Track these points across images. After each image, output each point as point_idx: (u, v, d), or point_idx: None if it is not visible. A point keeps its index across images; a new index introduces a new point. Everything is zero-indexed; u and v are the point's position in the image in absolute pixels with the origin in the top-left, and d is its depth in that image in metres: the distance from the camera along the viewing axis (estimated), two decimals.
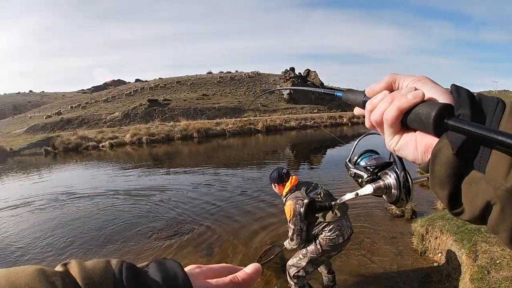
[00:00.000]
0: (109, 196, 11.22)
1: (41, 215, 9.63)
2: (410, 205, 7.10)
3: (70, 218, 9.04)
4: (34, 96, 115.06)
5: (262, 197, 9.48)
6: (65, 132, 35.29)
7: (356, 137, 22.30)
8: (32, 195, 12.38)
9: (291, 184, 3.89)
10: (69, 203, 10.67)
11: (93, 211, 9.49)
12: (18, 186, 14.57)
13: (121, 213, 9.08)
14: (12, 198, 11.92)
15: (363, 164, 0.94)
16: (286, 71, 62.66)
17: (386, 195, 0.81)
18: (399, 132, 0.57)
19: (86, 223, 8.45)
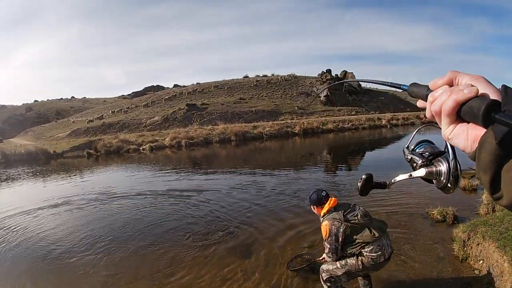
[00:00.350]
0: (148, 196, 11.69)
1: (80, 214, 10.19)
2: (452, 210, 6.95)
3: (108, 217, 9.52)
4: (76, 101, 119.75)
5: (297, 201, 9.54)
6: (106, 135, 36.63)
7: (396, 139, 21.91)
8: (73, 194, 13.09)
9: (330, 205, 3.97)
10: (108, 203, 11.23)
11: (132, 211, 9.93)
12: (60, 186, 15.42)
13: (159, 213, 9.43)
14: (54, 198, 12.65)
15: (419, 151, 1.05)
16: (322, 73, 62.06)
17: (436, 180, 0.92)
18: (454, 122, 0.65)
19: (124, 222, 8.84)
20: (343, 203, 4.11)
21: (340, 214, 3.84)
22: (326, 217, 3.89)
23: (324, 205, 4.02)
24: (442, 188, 0.90)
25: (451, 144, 0.70)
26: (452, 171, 0.87)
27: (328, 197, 4.08)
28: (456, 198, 8.60)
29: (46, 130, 59.97)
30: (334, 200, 4.05)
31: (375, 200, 8.94)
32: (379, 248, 3.74)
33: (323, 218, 3.93)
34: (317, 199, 4.07)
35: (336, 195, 5.11)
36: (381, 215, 7.58)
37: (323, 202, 4.03)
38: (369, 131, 34.46)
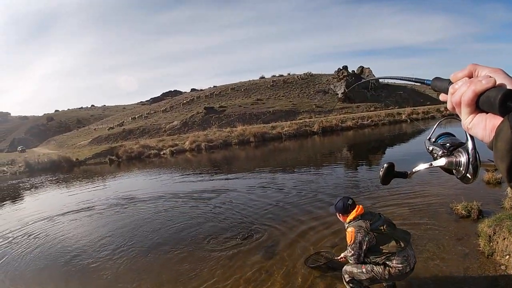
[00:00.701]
0: (170, 199, 11.91)
1: (102, 218, 10.48)
2: (477, 204, 6.83)
3: (130, 221, 9.72)
4: (96, 110, 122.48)
5: (317, 202, 9.51)
6: (127, 142, 37.28)
7: (416, 133, 21.64)
8: (96, 200, 13.51)
9: (357, 212, 3.96)
10: (130, 207, 11.52)
11: (154, 214, 10.11)
12: (84, 192, 15.85)
13: (181, 216, 9.56)
14: (78, 203, 13.10)
15: (440, 143, 1.08)
16: (339, 70, 61.57)
17: (455, 171, 0.94)
18: (473, 112, 0.68)
19: (146, 226, 9.01)
20: (369, 212, 4.11)
21: (367, 223, 3.83)
22: (352, 224, 3.89)
23: (349, 213, 4.02)
24: (461, 179, 0.92)
25: (471, 134, 0.72)
26: (471, 162, 0.89)
27: (354, 205, 4.07)
28: (481, 192, 8.43)
29: (67, 139, 61.50)
30: (361, 207, 4.04)
31: (397, 197, 8.86)
32: (405, 259, 3.72)
33: (349, 224, 3.94)
34: (343, 207, 4.06)
35: (355, 193, 5.07)
36: (404, 212, 7.53)
37: (348, 211, 4.03)
38: (389, 126, 34.03)
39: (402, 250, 3.73)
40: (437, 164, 1.01)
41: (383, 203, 8.43)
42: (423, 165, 1.08)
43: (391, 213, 7.30)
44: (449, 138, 1.09)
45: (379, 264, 3.80)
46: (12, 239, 9.21)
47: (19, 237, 9.36)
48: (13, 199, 16.55)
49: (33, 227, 10.20)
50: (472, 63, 0.72)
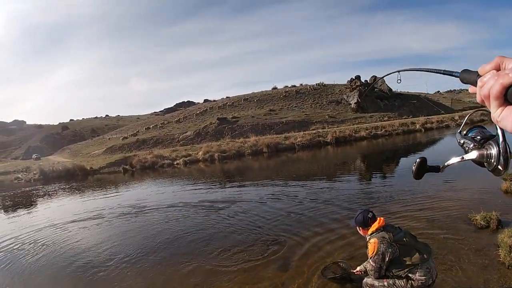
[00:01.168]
0: (182, 209, 12.03)
1: (112, 227, 10.65)
2: (495, 214, 6.74)
3: (141, 230, 9.83)
4: (110, 119, 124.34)
5: (332, 213, 9.47)
6: (141, 151, 37.68)
7: (431, 143, 21.38)
8: (109, 208, 13.77)
9: (379, 224, 3.94)
10: (142, 216, 11.72)
11: (165, 224, 10.19)
12: (97, 200, 16.21)
13: (192, 226, 9.60)
14: (91, 211, 13.36)
15: (471, 136, 1.11)
16: (351, 80, 61.43)
17: (486, 163, 0.96)
18: (502, 105, 0.68)
19: (157, 236, 9.04)
20: (390, 224, 4.09)
21: (389, 234, 3.81)
22: (375, 235, 3.85)
23: (370, 226, 3.99)
24: (492, 171, 0.94)
25: (500, 126, 0.73)
26: (502, 154, 0.91)
27: (375, 217, 4.05)
28: (499, 201, 8.32)
29: (82, 148, 62.45)
30: (383, 219, 4.02)
31: (413, 208, 8.79)
32: (428, 270, 3.70)
33: (371, 236, 3.90)
34: (363, 220, 4.04)
35: (369, 204, 5.04)
36: (422, 223, 7.46)
37: (369, 224, 4.01)
38: (403, 136, 33.73)
39: (425, 261, 3.70)
40: (468, 157, 1.04)
41: (399, 215, 8.37)
42: (455, 158, 1.11)
43: (408, 225, 7.25)
44: (480, 131, 1.13)
45: (402, 277, 3.76)
46: (21, 245, 9.43)
47: (27, 243, 9.56)
48: (26, 206, 17.04)
49: (42, 234, 10.44)
50: (499, 55, 0.73)
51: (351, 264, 5.40)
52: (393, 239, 3.75)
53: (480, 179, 11.02)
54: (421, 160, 1.27)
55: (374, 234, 3.88)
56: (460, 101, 76.80)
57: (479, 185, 10.29)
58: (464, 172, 12.38)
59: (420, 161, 1.27)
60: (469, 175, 11.97)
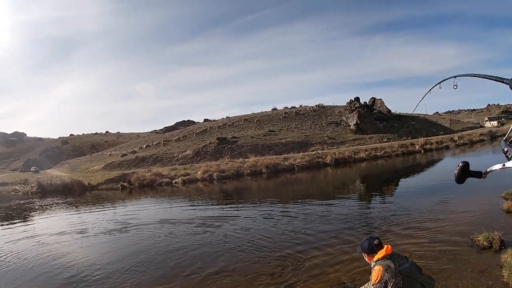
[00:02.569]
0: (175, 228, 11.97)
1: (98, 245, 10.54)
2: (498, 235, 6.67)
3: (129, 248, 9.75)
4: (110, 136, 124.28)
5: (329, 237, 9.38)
6: (140, 169, 37.59)
7: (430, 164, 21.32)
8: (99, 224, 13.98)
9: (386, 252, 3.84)
10: (133, 232, 11.76)
11: (154, 244, 9.99)
12: (89, 216, 16.40)
13: (181, 248, 9.40)
14: (81, 227, 13.49)
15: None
16: (351, 102, 61.78)
17: None
18: None
19: (138, 253, 9.01)
20: (397, 253, 4.00)
21: (395, 264, 3.71)
22: (380, 262, 3.76)
23: (376, 253, 3.90)
24: None
25: None
26: None
27: (381, 244, 3.97)
28: (501, 221, 8.26)
29: (81, 163, 62.24)
30: (390, 247, 3.92)
31: (415, 230, 8.71)
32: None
33: (376, 263, 3.81)
34: (368, 247, 3.96)
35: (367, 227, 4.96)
36: (424, 244, 7.36)
37: (375, 251, 3.92)
38: (402, 158, 33.74)
39: None
40: (510, 165, 1.04)
41: (400, 236, 8.31)
42: (497, 165, 1.11)
43: (409, 246, 7.17)
44: None
45: None
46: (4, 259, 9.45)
47: (9, 256, 9.66)
48: (20, 219, 17.22)
49: (16, 247, 10.62)
50: None
51: (356, 283, 5.31)
52: (398, 269, 3.65)
53: (481, 199, 11.00)
54: (463, 164, 1.24)
55: (379, 261, 3.78)
56: (459, 121, 77.23)
57: (481, 206, 10.25)
58: (465, 193, 12.35)
59: (462, 165, 1.24)
60: (470, 196, 11.94)
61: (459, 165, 1.26)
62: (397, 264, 3.69)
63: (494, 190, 11.61)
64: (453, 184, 8.33)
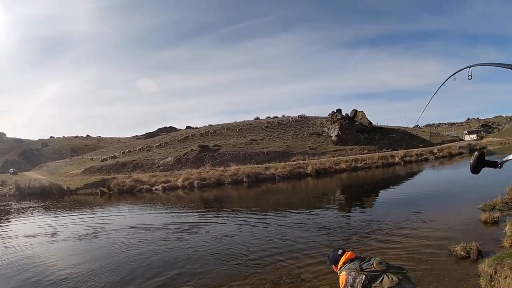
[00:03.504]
0: (146, 233, 11.60)
1: (69, 247, 10.24)
2: (475, 245, 6.74)
3: (102, 252, 9.55)
4: (91, 140, 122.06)
5: (308, 247, 9.34)
6: (120, 174, 37.01)
7: (410, 176, 21.64)
8: (71, 229, 13.64)
9: (346, 258, 3.99)
10: (104, 236, 11.60)
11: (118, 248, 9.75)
12: (62, 220, 15.91)
13: (154, 253, 9.26)
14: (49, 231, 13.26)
15: None
16: (332, 113, 62.49)
17: None
18: None
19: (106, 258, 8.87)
20: (359, 256, 4.09)
21: (356, 264, 3.82)
22: (343, 268, 3.88)
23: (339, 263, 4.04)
24: None
25: None
26: None
27: (344, 253, 4.10)
28: (478, 232, 8.37)
29: (60, 166, 60.92)
30: (351, 253, 4.07)
31: (393, 240, 8.75)
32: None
33: (340, 270, 3.93)
34: (333, 258, 4.12)
35: (349, 245, 4.93)
36: (402, 257, 7.36)
37: (339, 260, 4.05)
38: (382, 169, 34.12)
39: (397, 285, 3.57)
40: None
41: (378, 247, 8.33)
42: None
43: (389, 256, 7.19)
44: None
45: None
46: None
47: None
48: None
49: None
50: None
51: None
52: (360, 268, 3.74)
53: (460, 211, 11.17)
54: (479, 153, 1.20)
55: (342, 268, 3.91)
56: (438, 134, 78.96)
57: (459, 217, 10.40)
58: (444, 204, 12.53)
59: (478, 154, 1.20)
60: (448, 207, 12.11)
61: (475, 154, 1.22)
62: (358, 263, 3.80)
63: (472, 202, 11.82)
64: (431, 195, 8.53)
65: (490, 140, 74.01)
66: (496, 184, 13.55)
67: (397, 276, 3.61)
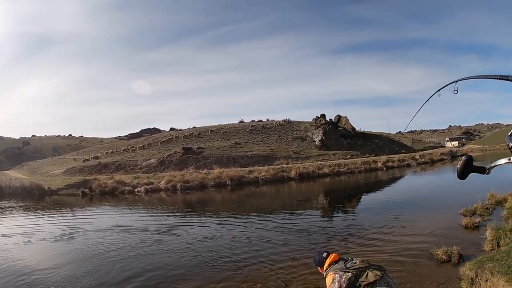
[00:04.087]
0: (126, 235, 11.54)
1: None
2: (456, 249, 6.83)
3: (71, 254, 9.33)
4: (74, 140, 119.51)
5: (289, 250, 9.33)
6: (102, 175, 36.44)
7: (392, 181, 21.84)
8: (47, 230, 13.36)
9: (330, 260, 4.11)
10: (81, 237, 11.05)
11: (95, 250, 9.49)
12: (45, 220, 15.48)
13: (131, 257, 9.04)
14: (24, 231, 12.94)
15: None
16: (317, 118, 62.95)
17: None
18: None
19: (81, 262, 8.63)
20: (342, 258, 4.20)
21: (340, 264, 3.95)
22: (329, 270, 3.97)
23: (324, 265, 4.15)
24: None
25: None
26: None
27: (328, 255, 4.21)
28: (460, 236, 8.48)
29: (41, 166, 59.62)
30: (335, 255, 4.19)
31: (374, 244, 8.80)
32: (386, 284, 3.71)
33: (326, 272, 4.02)
34: (319, 260, 4.24)
35: (332, 248, 4.92)
36: (384, 260, 7.39)
37: (324, 262, 4.16)
38: (365, 174, 34.45)
39: (381, 278, 3.74)
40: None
41: (360, 250, 8.35)
42: (503, 160, 1.04)
43: (370, 259, 7.17)
44: None
45: None
46: None
47: None
48: None
49: None
50: None
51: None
52: (345, 267, 3.86)
53: (441, 216, 11.32)
54: (467, 158, 1.16)
55: (327, 269, 4.01)
56: (420, 141, 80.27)
57: (440, 222, 10.53)
58: (426, 209, 12.69)
59: (466, 159, 1.15)
60: (430, 212, 12.27)
61: (463, 159, 1.18)
62: (342, 264, 3.95)
63: (454, 207, 12.00)
64: (412, 201, 8.61)
65: (471, 147, 75.68)
66: (477, 190, 13.80)
67: (379, 271, 3.79)
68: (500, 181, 14.50)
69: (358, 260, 3.98)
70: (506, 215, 9.78)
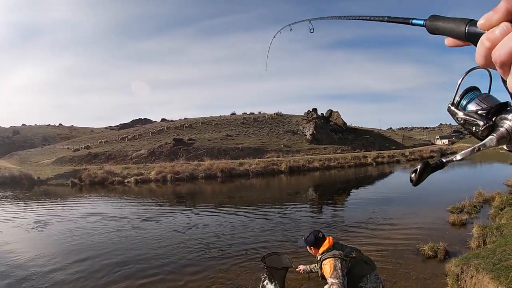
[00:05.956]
0: (110, 224, 11.31)
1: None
2: (443, 245, 6.91)
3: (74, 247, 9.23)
4: (64, 129, 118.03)
5: (283, 239, 9.37)
6: (92, 165, 36.15)
7: (381, 176, 21.97)
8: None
9: (329, 243, 4.03)
10: (62, 225, 11.00)
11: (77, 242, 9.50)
12: (30, 209, 15.24)
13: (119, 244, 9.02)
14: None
15: (474, 109, 0.71)
16: (308, 112, 62.97)
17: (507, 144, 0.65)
18: None
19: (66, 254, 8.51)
20: (337, 242, 4.19)
21: (340, 251, 3.91)
22: (327, 255, 3.90)
23: (321, 246, 4.06)
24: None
25: None
26: None
27: (325, 237, 4.15)
28: (446, 233, 8.59)
29: (31, 155, 58.92)
30: (332, 238, 4.13)
31: (362, 239, 8.86)
32: (376, 277, 3.84)
33: (323, 256, 3.93)
34: (314, 240, 4.11)
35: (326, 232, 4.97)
36: (371, 253, 7.44)
37: (320, 243, 4.08)
38: (355, 169, 34.65)
39: (372, 270, 3.86)
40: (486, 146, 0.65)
41: (345, 243, 8.37)
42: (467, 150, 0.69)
43: None
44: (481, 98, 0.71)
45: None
46: None
47: None
48: None
49: None
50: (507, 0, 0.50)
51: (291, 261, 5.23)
52: (344, 254, 3.87)
53: (428, 212, 11.44)
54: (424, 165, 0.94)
55: (325, 254, 3.94)
56: (411, 138, 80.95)
57: (427, 218, 10.63)
58: (413, 206, 12.81)
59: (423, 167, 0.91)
60: (417, 208, 12.38)
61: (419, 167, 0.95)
62: (341, 251, 3.96)
63: (441, 204, 12.14)
64: (401, 196, 8.69)
65: (461, 146, 76.33)
66: (465, 188, 13.98)
67: (371, 263, 3.99)
68: (488, 180, 14.71)
69: (354, 250, 4.03)
70: (493, 213, 9.94)
